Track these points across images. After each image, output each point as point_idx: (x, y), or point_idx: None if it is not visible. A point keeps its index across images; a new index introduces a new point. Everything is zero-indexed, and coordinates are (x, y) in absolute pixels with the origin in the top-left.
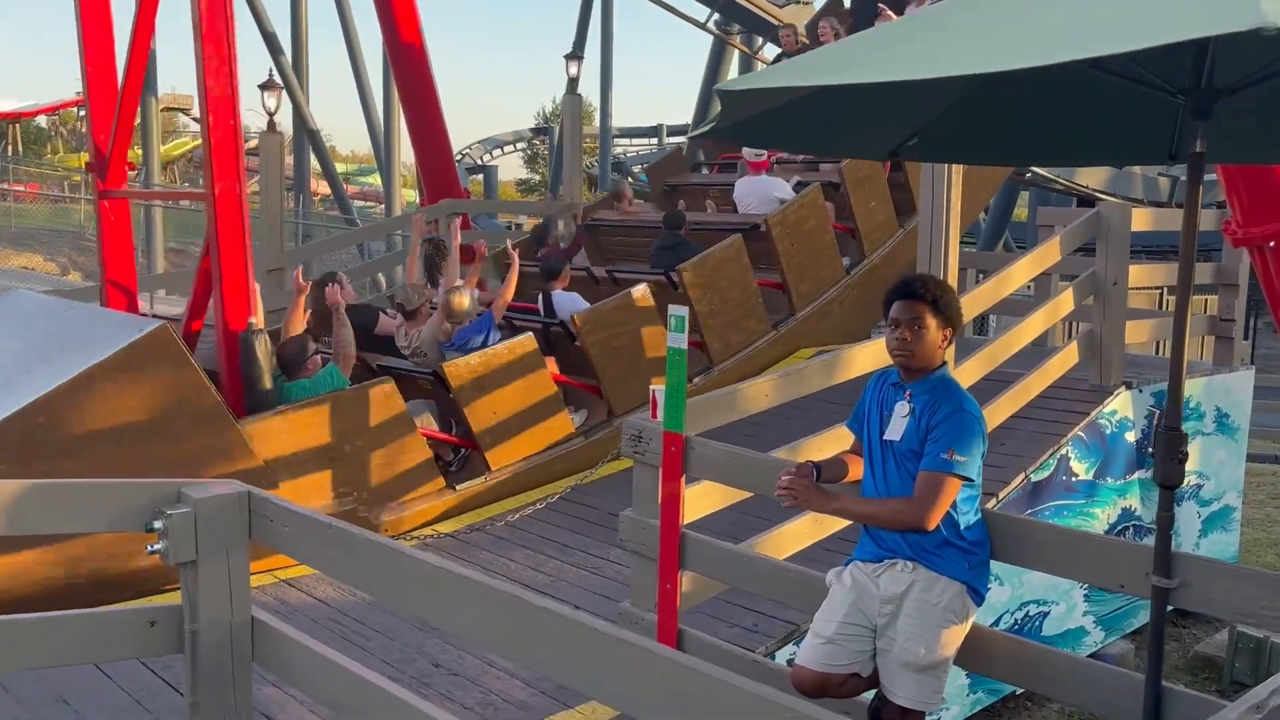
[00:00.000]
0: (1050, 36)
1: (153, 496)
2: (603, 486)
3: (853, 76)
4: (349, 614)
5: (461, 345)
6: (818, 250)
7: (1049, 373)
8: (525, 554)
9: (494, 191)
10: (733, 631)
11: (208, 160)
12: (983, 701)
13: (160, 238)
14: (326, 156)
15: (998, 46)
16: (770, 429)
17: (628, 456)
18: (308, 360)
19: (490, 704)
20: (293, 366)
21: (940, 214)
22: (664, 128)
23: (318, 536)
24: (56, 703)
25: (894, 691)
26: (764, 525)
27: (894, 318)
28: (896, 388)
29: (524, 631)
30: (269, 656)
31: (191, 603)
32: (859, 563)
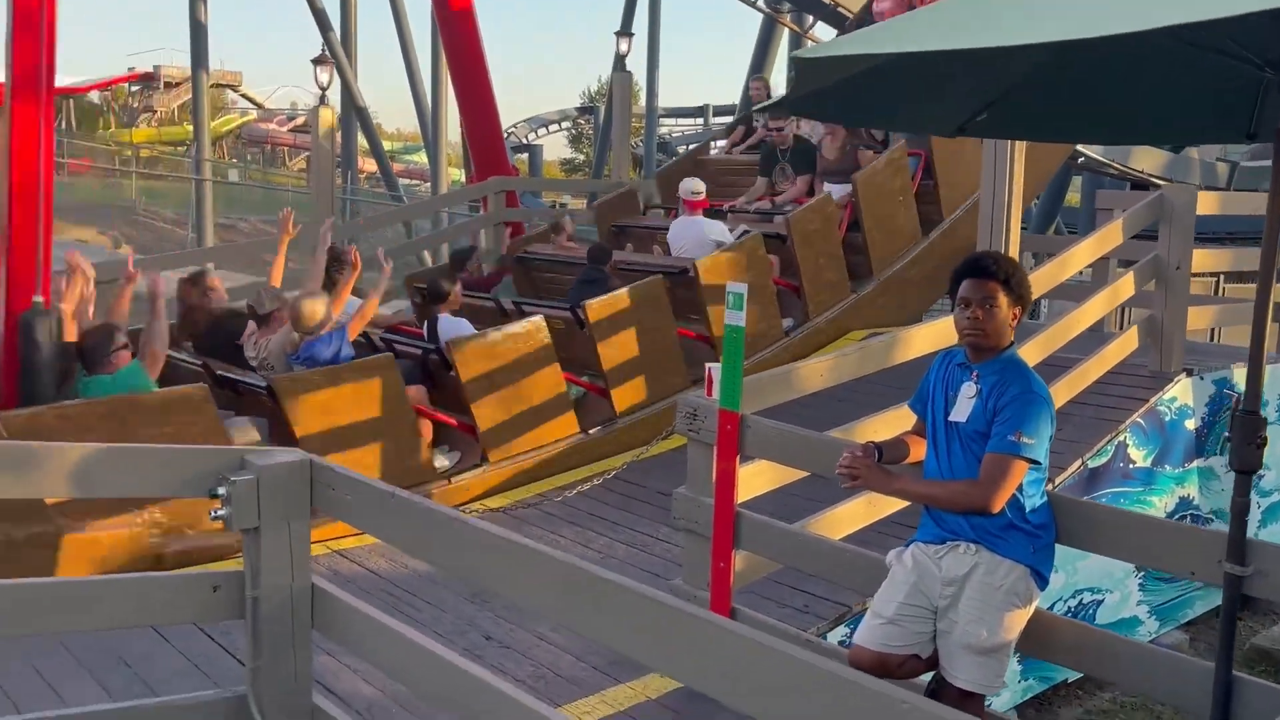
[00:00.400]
0: (1146, 2)
1: (217, 463)
2: (651, 465)
3: (935, 43)
4: (400, 585)
5: (309, 358)
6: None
7: (1107, 358)
8: (574, 530)
9: (538, 170)
10: (784, 612)
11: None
12: (1034, 689)
13: (210, 213)
14: (374, 133)
15: (1089, 12)
16: (821, 411)
17: (682, 434)
18: (112, 354)
19: (541, 677)
20: (92, 359)
21: (1002, 193)
22: (710, 108)
23: (379, 506)
24: (117, 664)
25: (954, 674)
26: (815, 507)
27: (964, 296)
28: (963, 368)
29: (587, 602)
30: (328, 624)
31: (253, 569)
32: (920, 544)
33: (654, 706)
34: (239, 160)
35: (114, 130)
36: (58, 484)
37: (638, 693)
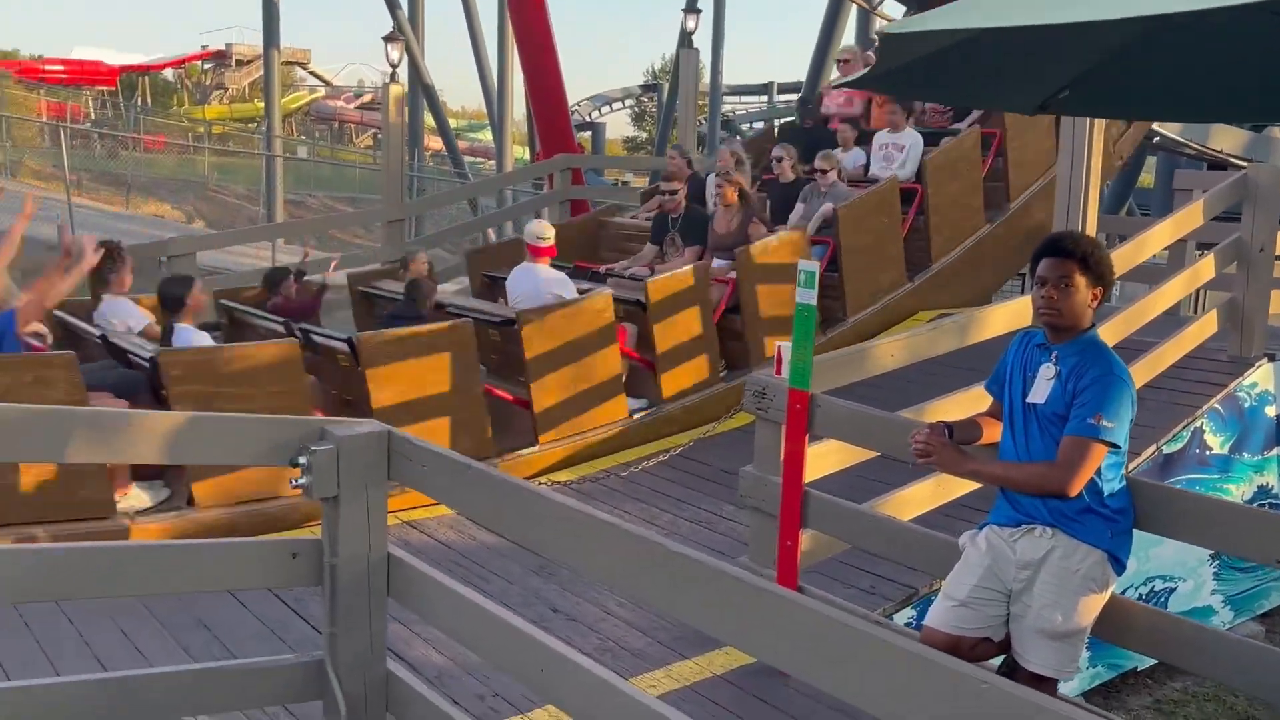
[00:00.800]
0: None
1: (298, 433)
2: (716, 443)
3: (1023, 18)
4: (469, 557)
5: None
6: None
7: (1184, 342)
8: (639, 506)
9: (601, 149)
10: (850, 592)
11: None
12: (1102, 676)
13: (280, 189)
14: (441, 112)
15: None
16: (889, 392)
17: (749, 412)
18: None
19: (607, 650)
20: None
21: (1080, 172)
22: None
23: (454, 476)
24: (197, 627)
25: (1027, 658)
26: (883, 489)
27: (1041, 275)
28: (1042, 349)
29: (659, 576)
30: (404, 591)
31: (332, 537)
32: (994, 527)
33: (719, 683)
34: (307, 137)
35: (187, 107)
36: (146, 450)
37: (703, 668)
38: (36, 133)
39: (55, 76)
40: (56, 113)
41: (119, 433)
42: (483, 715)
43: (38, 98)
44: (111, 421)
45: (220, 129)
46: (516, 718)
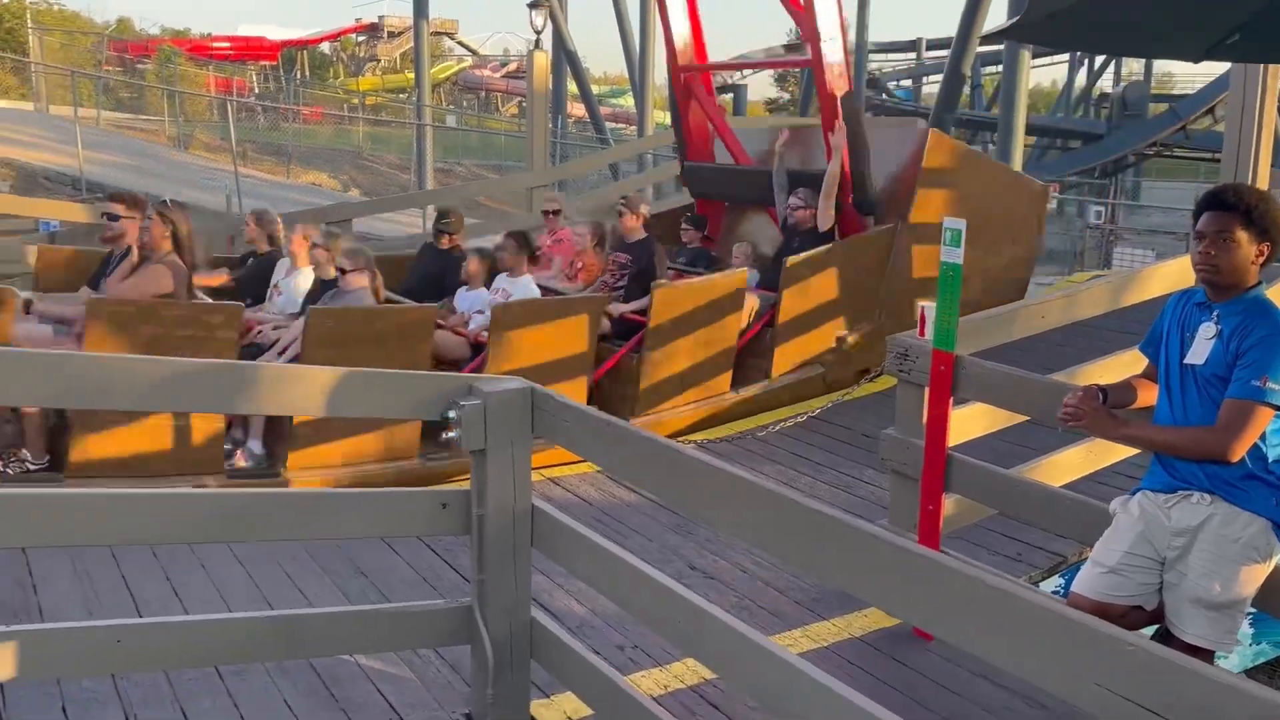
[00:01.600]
0: None
1: (448, 388)
2: (856, 406)
3: None
4: (609, 513)
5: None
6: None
7: None
8: (777, 469)
9: (743, 111)
10: (995, 559)
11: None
12: (1266, 654)
13: (430, 157)
14: (583, 77)
15: None
16: (1039, 355)
17: (892, 374)
18: None
19: (744, 608)
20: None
21: (1250, 122)
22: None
23: (595, 432)
24: (355, 573)
25: (1181, 628)
26: (1030, 455)
27: (1200, 230)
28: (1202, 308)
29: (798, 534)
30: (547, 542)
31: (480, 488)
32: (1148, 492)
33: (858, 644)
34: (455, 106)
35: (343, 79)
36: (308, 403)
37: (840, 629)
38: (206, 107)
39: (223, 53)
40: (223, 88)
41: (283, 386)
42: (622, 665)
43: (207, 74)
44: (276, 375)
45: (373, 100)
46: (655, 669)
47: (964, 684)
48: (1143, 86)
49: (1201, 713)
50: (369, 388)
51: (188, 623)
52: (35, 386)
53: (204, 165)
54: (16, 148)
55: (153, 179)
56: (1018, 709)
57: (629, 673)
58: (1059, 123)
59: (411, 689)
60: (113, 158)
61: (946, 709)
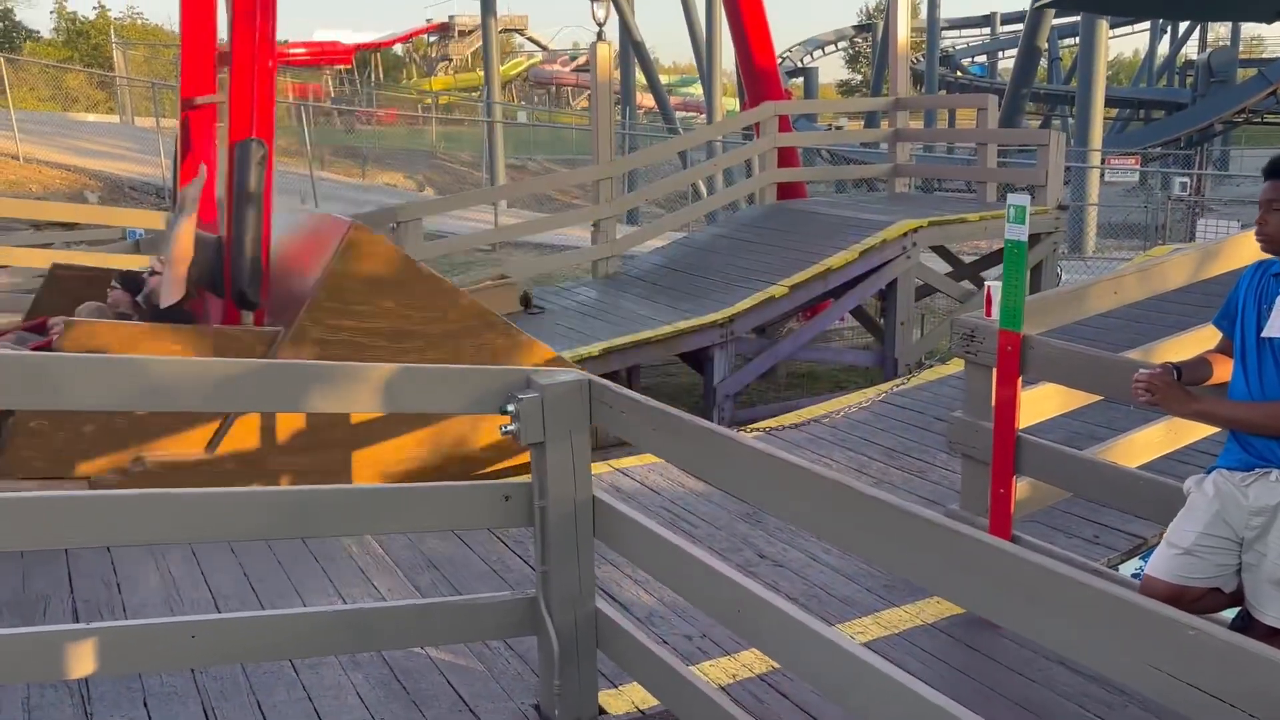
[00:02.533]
0: None
1: (506, 382)
2: (929, 390)
3: None
4: (678, 503)
5: None
6: None
7: None
8: (847, 455)
9: (814, 94)
10: (1072, 542)
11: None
12: None
13: (501, 154)
14: (651, 67)
15: None
16: (1115, 334)
17: (959, 356)
18: None
19: (814, 596)
20: None
21: None
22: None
23: (653, 422)
24: (426, 566)
25: (1262, 610)
26: (1108, 435)
27: (1263, 199)
28: (1279, 279)
29: (854, 521)
30: (608, 532)
31: (540, 480)
32: (1224, 471)
33: (929, 631)
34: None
35: (415, 80)
36: (368, 400)
37: (912, 616)
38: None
39: (299, 59)
40: (300, 93)
41: (345, 384)
42: (690, 655)
43: (284, 80)
44: (339, 374)
45: (446, 99)
46: (724, 658)
47: (1040, 670)
48: (1230, 52)
49: (1263, 698)
50: (426, 383)
51: (260, 618)
52: (110, 390)
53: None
54: (105, 160)
55: None
56: (1094, 694)
57: (697, 662)
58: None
59: (481, 680)
60: None
61: (1021, 696)
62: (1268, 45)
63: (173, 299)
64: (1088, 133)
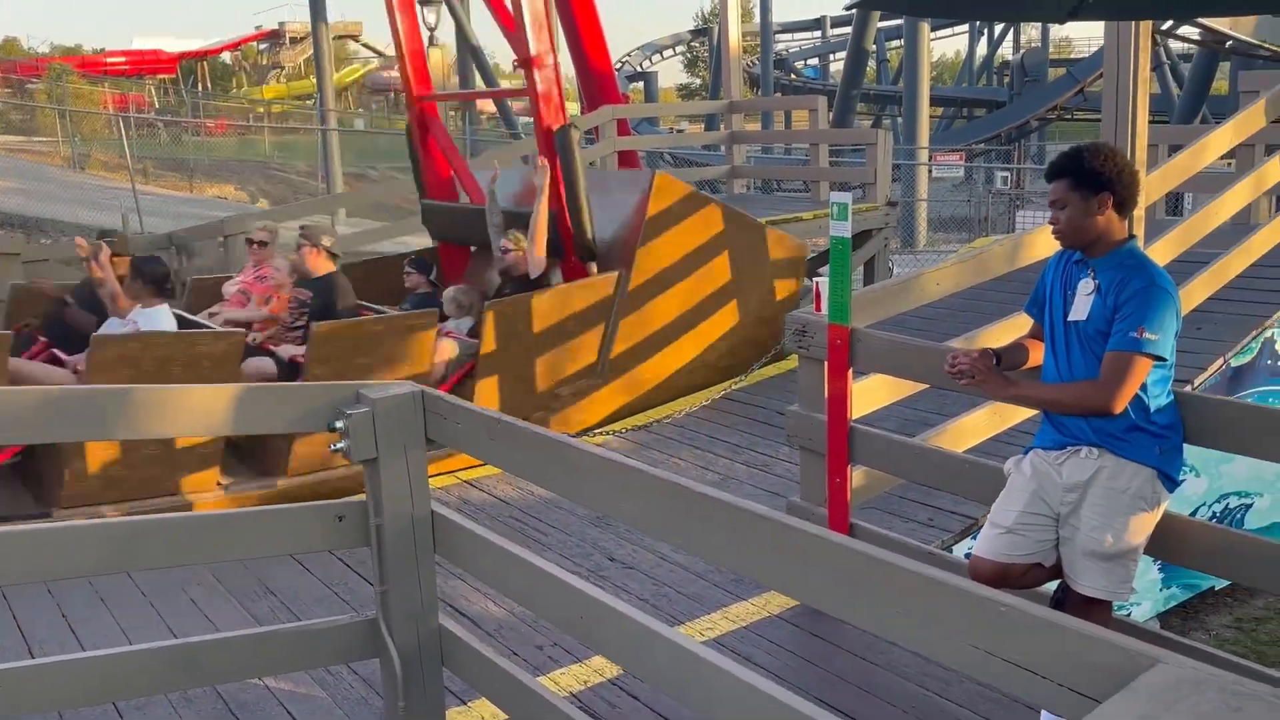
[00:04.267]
0: None
1: (333, 398)
2: (770, 385)
3: None
4: (528, 512)
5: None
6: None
7: (1252, 250)
8: (694, 453)
9: (654, 97)
10: (907, 526)
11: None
12: (1177, 597)
13: (338, 163)
14: (490, 72)
15: None
16: (944, 323)
17: (792, 351)
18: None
19: (664, 596)
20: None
21: (1127, 82)
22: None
23: (489, 432)
24: (264, 593)
25: (1078, 581)
26: (938, 422)
27: (1050, 199)
28: (1080, 265)
29: (690, 520)
30: (450, 548)
31: (375, 498)
32: (1039, 450)
33: (776, 622)
34: (364, 109)
35: (246, 89)
36: (188, 424)
37: (759, 609)
38: (104, 124)
39: (118, 69)
40: (120, 104)
41: (165, 409)
42: (542, 665)
43: (102, 91)
44: (158, 398)
45: (279, 108)
46: (576, 665)
47: (881, 653)
48: (1041, 52)
49: (1072, 665)
50: (248, 403)
51: (78, 660)
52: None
53: (101, 185)
54: None
55: (45, 202)
56: (933, 673)
57: (549, 671)
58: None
59: (323, 708)
60: (2, 183)
61: (865, 680)
62: (1075, 46)
63: (540, 269)
64: (915, 131)
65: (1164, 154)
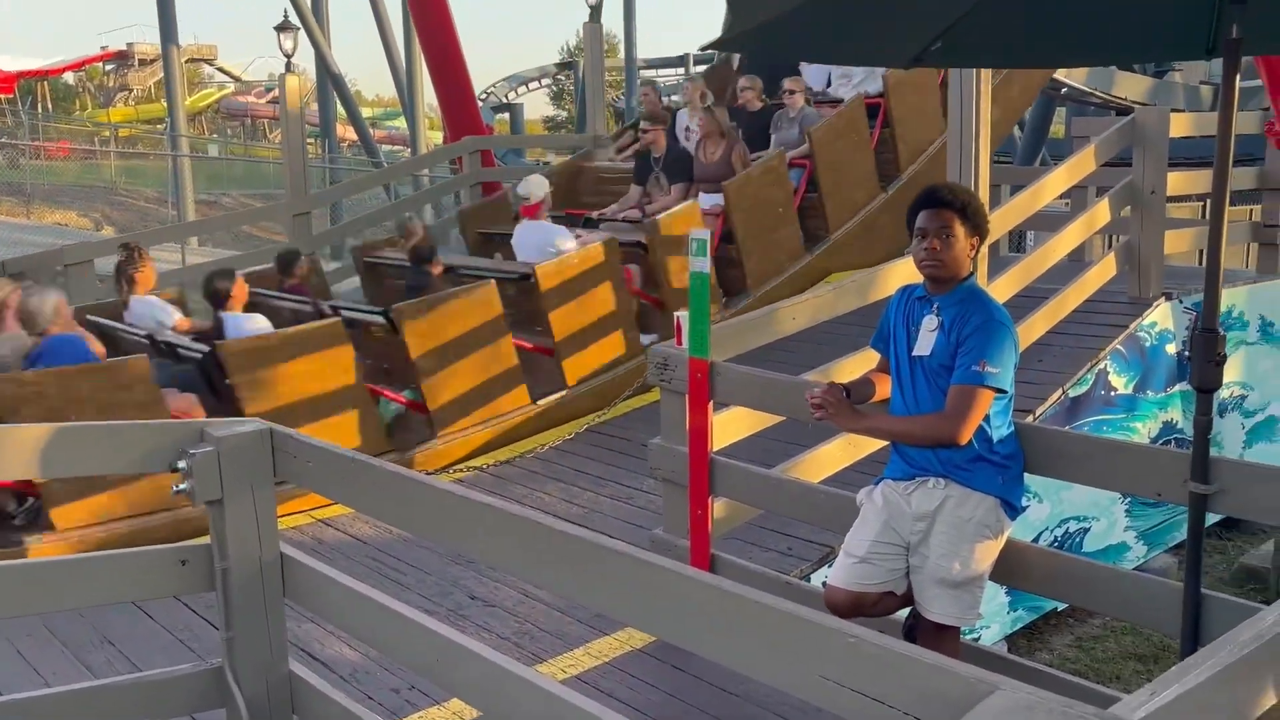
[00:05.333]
0: None
1: (176, 436)
2: (635, 418)
3: None
4: (385, 550)
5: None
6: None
7: (1086, 286)
8: (559, 486)
9: (520, 129)
10: (767, 556)
11: None
12: (1023, 619)
13: (190, 190)
14: (351, 100)
15: None
16: (803, 355)
17: (654, 384)
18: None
19: (526, 633)
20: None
21: (970, 125)
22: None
23: (341, 471)
24: (101, 644)
25: (928, 608)
26: (796, 452)
27: (920, 228)
28: (923, 301)
29: (547, 557)
30: (299, 591)
31: (220, 540)
32: (890, 481)
33: (639, 656)
34: (219, 135)
35: (91, 111)
36: (20, 466)
37: (622, 643)
38: None
39: None
40: None
41: None
42: (398, 708)
43: None
44: None
45: (127, 131)
46: (433, 708)
47: (740, 684)
48: None
49: (917, 694)
50: (84, 443)
51: None
52: None
53: None
54: None
55: None
56: (791, 701)
57: (405, 715)
58: None
59: None
60: None
61: (726, 712)
62: None
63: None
64: None
65: (1007, 194)
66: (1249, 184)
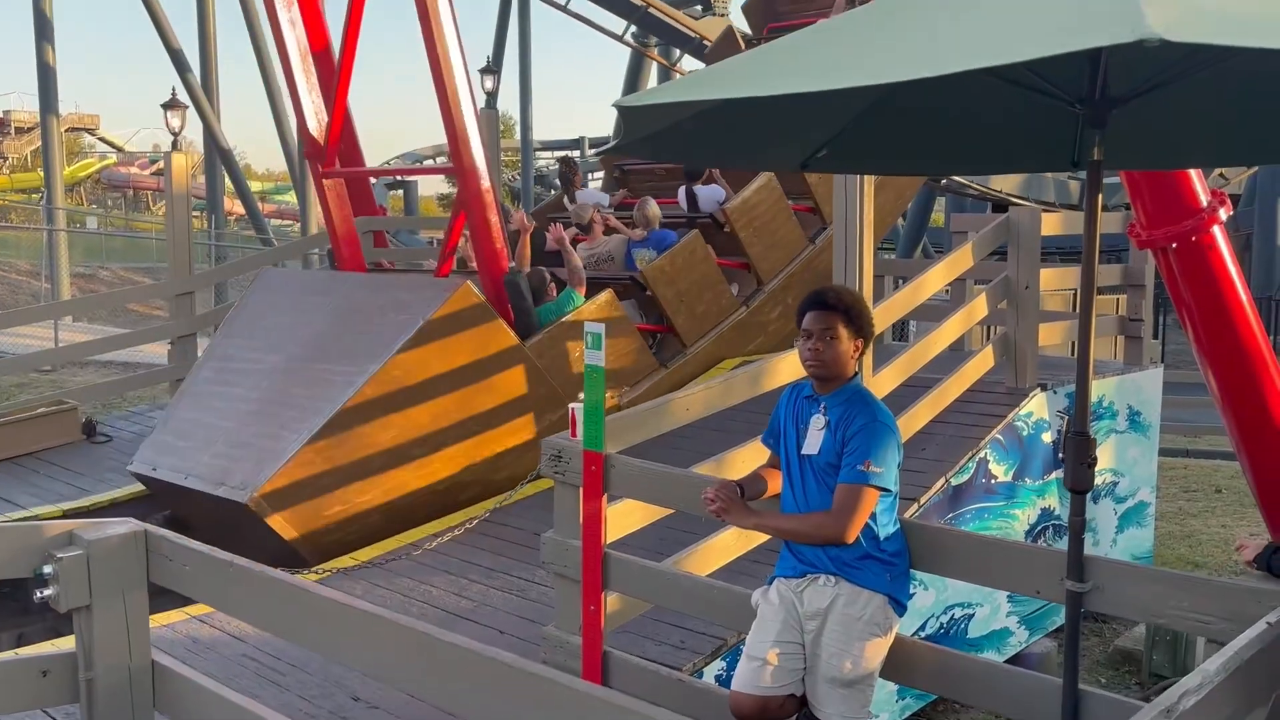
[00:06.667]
0: (946, 46)
1: (43, 540)
2: (526, 507)
3: (752, 89)
4: (264, 649)
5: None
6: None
7: (966, 376)
8: (447, 579)
9: (414, 206)
10: (660, 649)
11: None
12: (911, 707)
13: (65, 263)
14: (240, 176)
15: (896, 56)
16: (698, 442)
17: (548, 476)
18: (548, 287)
19: None
20: (539, 294)
21: (854, 222)
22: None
23: (218, 575)
24: None
25: (821, 708)
26: (691, 539)
27: (806, 328)
28: (810, 400)
29: (432, 668)
30: (172, 702)
31: (86, 650)
32: (782, 579)
33: None
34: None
35: None
36: None
37: None
38: None
39: None
40: None
41: None
42: None
43: None
44: None
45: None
46: None
47: None
48: None
49: None
50: None
51: None
52: None
53: None
54: None
55: None
56: None
57: None
58: None
59: None
60: None
61: None
62: None
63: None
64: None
65: (889, 285)
66: (1114, 279)
